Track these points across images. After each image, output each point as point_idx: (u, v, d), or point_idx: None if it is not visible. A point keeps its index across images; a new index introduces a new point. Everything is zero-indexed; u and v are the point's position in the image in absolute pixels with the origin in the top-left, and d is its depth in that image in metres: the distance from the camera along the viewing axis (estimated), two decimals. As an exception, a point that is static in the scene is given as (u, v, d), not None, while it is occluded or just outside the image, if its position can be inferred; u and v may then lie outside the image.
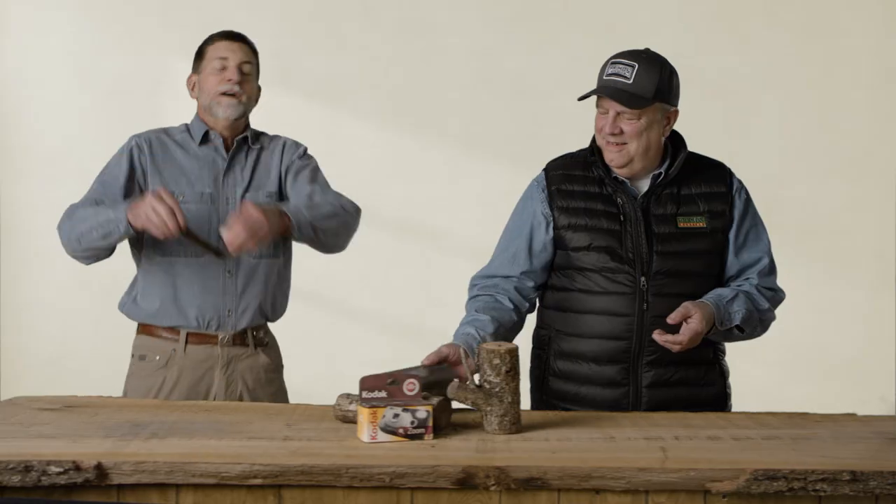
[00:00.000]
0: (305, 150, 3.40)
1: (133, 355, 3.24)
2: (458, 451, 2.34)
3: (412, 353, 6.15)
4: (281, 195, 3.25)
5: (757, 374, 5.45)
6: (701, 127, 2.96)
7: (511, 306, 2.96)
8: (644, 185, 2.91)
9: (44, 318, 5.66)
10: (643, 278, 2.84)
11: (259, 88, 3.31)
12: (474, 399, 2.48)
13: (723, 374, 2.97)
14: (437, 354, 2.77)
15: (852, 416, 2.71)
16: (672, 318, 2.74)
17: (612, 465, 2.23)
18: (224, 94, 3.19)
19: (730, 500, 2.22)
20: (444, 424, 2.51)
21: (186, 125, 3.29)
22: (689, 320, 2.74)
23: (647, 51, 2.90)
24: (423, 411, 2.43)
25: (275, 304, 3.28)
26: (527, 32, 5.60)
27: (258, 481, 2.22)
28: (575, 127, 3.47)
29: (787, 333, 5.56)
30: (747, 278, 2.93)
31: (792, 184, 5.51)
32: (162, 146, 3.23)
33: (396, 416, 2.41)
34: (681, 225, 2.87)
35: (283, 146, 3.33)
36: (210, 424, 2.54)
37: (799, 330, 5.56)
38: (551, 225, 2.94)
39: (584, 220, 2.90)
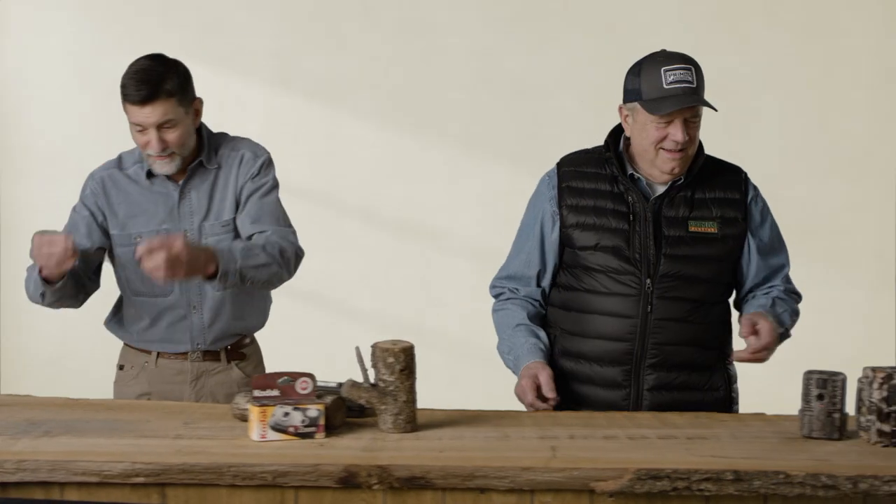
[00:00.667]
0: (264, 162, 3.15)
1: (118, 363, 3.28)
2: (345, 450, 2.35)
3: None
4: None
5: (757, 374, 5.44)
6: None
7: (543, 311, 3.00)
8: (659, 186, 2.88)
9: (44, 318, 5.64)
10: (648, 280, 2.83)
11: (196, 108, 3.07)
12: (368, 398, 2.49)
13: (728, 379, 2.96)
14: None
15: (760, 415, 2.72)
16: (744, 333, 2.74)
17: (496, 465, 2.24)
18: (152, 155, 3.01)
19: (618, 499, 2.23)
20: (338, 423, 2.52)
21: (139, 152, 3.11)
22: (759, 326, 2.74)
23: (682, 53, 2.87)
24: (314, 410, 2.44)
25: (250, 322, 3.23)
26: (527, 32, 5.59)
27: (141, 480, 2.24)
28: (575, 127, 3.47)
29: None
30: (773, 284, 2.94)
31: (792, 184, 5.51)
32: (115, 185, 3.12)
33: (287, 414, 2.42)
34: (692, 229, 2.85)
35: (240, 161, 3.11)
36: (107, 423, 2.56)
37: (799, 330, 5.55)
38: (558, 224, 2.92)
39: (592, 218, 2.88)
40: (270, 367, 3.29)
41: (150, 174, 3.10)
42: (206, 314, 3.14)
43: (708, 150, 2.98)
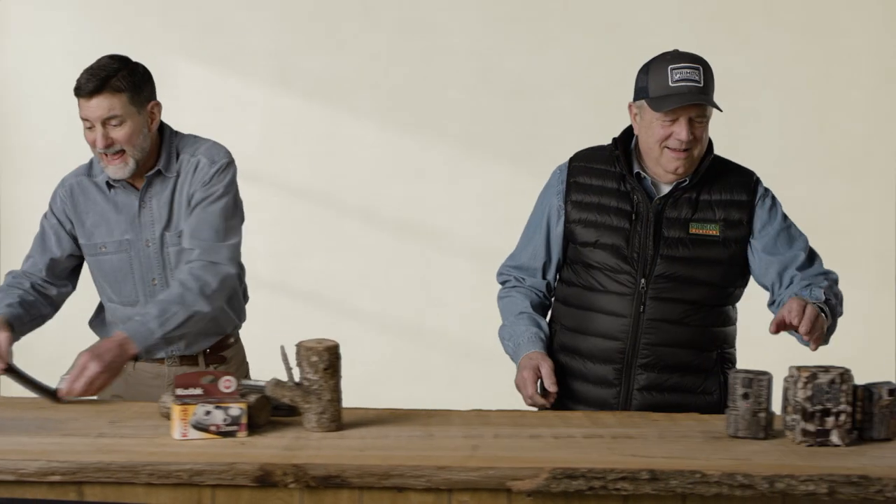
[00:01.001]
0: (219, 168, 3.03)
1: None
2: (265, 449, 2.35)
3: (412, 353, 6.19)
4: None
5: (757, 374, 5.45)
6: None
7: (547, 302, 3.02)
8: (664, 186, 2.88)
9: (44, 318, 5.65)
10: (643, 280, 2.83)
11: (151, 112, 3.01)
12: (292, 396, 2.49)
13: (725, 384, 2.91)
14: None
15: (693, 415, 2.72)
16: (772, 329, 2.72)
17: (412, 464, 2.24)
18: (103, 155, 2.96)
19: (536, 499, 2.24)
20: (263, 422, 2.52)
21: None
22: (790, 312, 2.68)
23: (693, 53, 2.86)
24: (236, 409, 2.44)
25: (226, 322, 3.18)
26: (527, 32, 5.59)
27: (57, 478, 2.24)
28: (575, 127, 3.47)
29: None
30: (792, 279, 2.88)
31: (792, 184, 5.50)
32: (83, 192, 3.09)
33: (208, 413, 2.43)
34: (692, 231, 2.84)
35: (195, 168, 3.02)
36: (34, 422, 2.57)
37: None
38: (563, 218, 2.93)
39: (595, 215, 2.89)
40: (265, 368, 3.28)
41: (109, 185, 3.06)
42: None
43: (708, 150, 2.98)
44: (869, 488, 2.19)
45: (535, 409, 2.87)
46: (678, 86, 2.76)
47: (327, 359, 2.47)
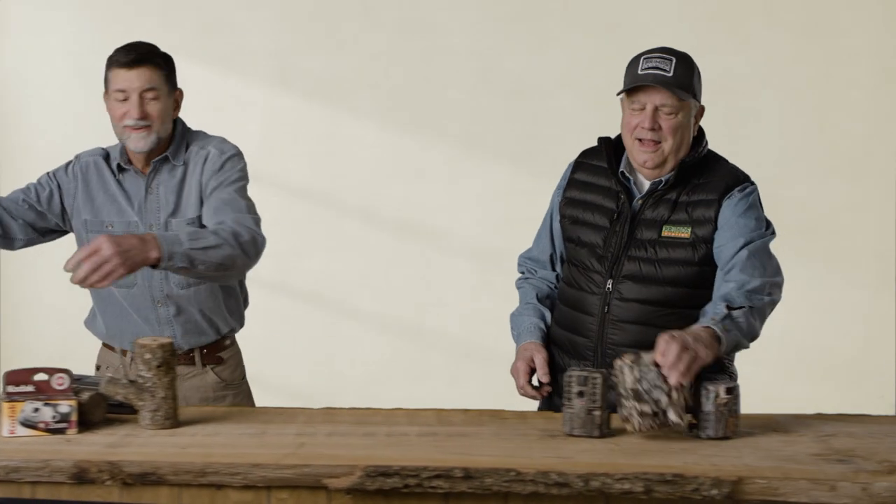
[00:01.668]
0: (229, 157, 3.08)
1: (95, 364, 3.29)
2: (89, 446, 2.37)
3: (412, 353, 6.18)
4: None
5: (756, 374, 5.44)
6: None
7: (556, 294, 3.02)
8: (646, 185, 2.88)
9: (44, 317, 5.66)
10: (610, 281, 2.82)
11: (176, 98, 3.11)
12: (125, 394, 2.51)
13: (696, 386, 2.89)
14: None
15: (543, 413, 2.72)
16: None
17: (227, 462, 2.25)
18: (130, 127, 3.01)
19: (356, 497, 2.24)
20: (97, 419, 2.53)
21: (119, 147, 3.14)
22: (657, 349, 2.50)
23: (676, 49, 2.87)
24: (65, 406, 2.45)
25: (221, 322, 3.19)
26: (527, 32, 5.59)
27: None
28: (575, 127, 3.47)
29: (788, 333, 5.57)
30: (727, 279, 2.74)
31: (792, 184, 5.51)
32: (98, 171, 3.14)
33: (37, 410, 2.43)
34: (664, 234, 2.80)
35: (205, 159, 3.08)
36: None
37: (799, 330, 5.56)
38: (559, 213, 2.97)
39: (580, 212, 2.91)
40: (265, 368, 3.28)
41: (120, 168, 3.11)
42: (170, 308, 3.11)
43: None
44: (685, 487, 2.19)
45: (536, 399, 2.89)
46: (644, 73, 2.77)
47: (161, 356, 2.48)
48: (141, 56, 2.99)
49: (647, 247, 2.81)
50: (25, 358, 5.74)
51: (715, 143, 2.96)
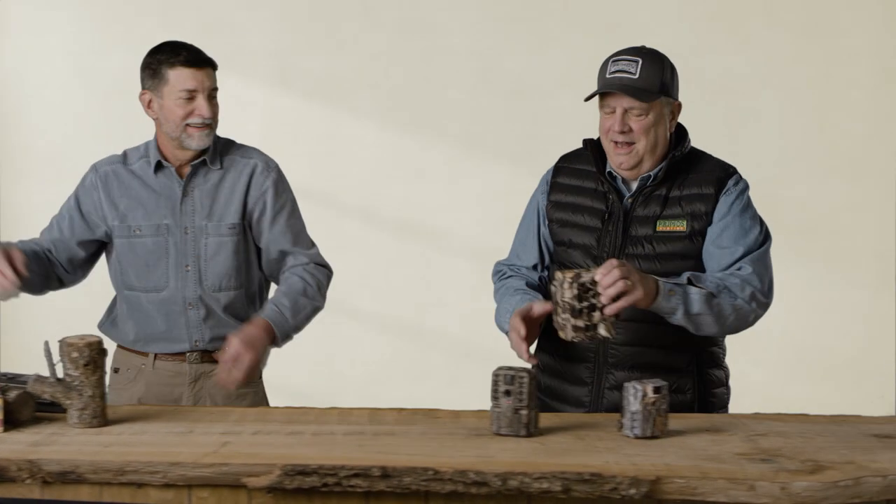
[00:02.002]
0: (277, 177, 3.19)
1: (111, 367, 3.26)
2: (11, 444, 2.37)
3: (412, 353, 6.18)
4: (244, 226, 3.17)
5: (757, 374, 5.45)
6: (701, 127, 2.95)
7: (543, 290, 2.99)
8: (633, 184, 2.89)
9: (43, 317, 5.65)
10: None
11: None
12: (53, 392, 2.51)
13: (702, 383, 2.89)
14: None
15: (481, 413, 2.70)
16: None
17: (146, 460, 2.25)
18: (195, 126, 3.06)
19: (277, 496, 2.24)
20: (25, 418, 2.53)
21: (146, 146, 3.18)
22: (604, 265, 2.59)
23: (644, 47, 2.88)
24: None
25: (246, 322, 3.20)
26: (527, 32, 5.60)
27: None
28: (575, 127, 3.47)
29: (787, 333, 5.58)
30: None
31: (792, 184, 5.51)
32: (118, 179, 3.15)
33: None
34: (659, 229, 2.82)
35: (252, 173, 3.16)
36: None
37: (799, 330, 5.56)
38: (546, 218, 2.97)
39: (569, 215, 2.91)
40: (265, 368, 3.28)
41: (158, 166, 3.13)
42: (201, 311, 3.14)
43: (708, 150, 2.98)
44: (603, 486, 2.19)
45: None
46: (610, 77, 2.80)
47: (88, 355, 2.48)
48: (204, 56, 3.07)
49: (643, 243, 2.82)
50: (25, 358, 5.74)
51: (715, 143, 2.96)
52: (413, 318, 5.70)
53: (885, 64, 5.53)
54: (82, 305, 3.85)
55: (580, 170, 2.94)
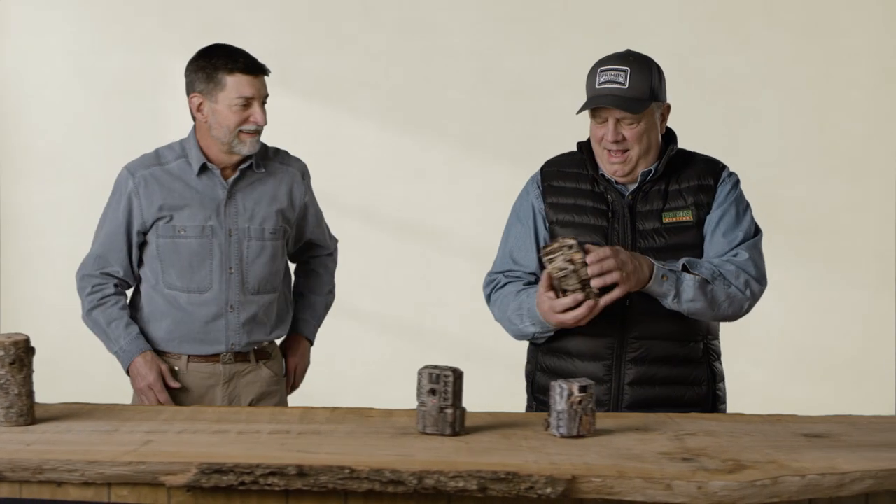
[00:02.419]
0: (310, 181, 3.37)
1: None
2: None
3: (412, 353, 6.18)
4: (283, 230, 3.22)
5: (757, 374, 5.45)
6: (701, 127, 2.96)
7: None
8: (634, 183, 2.91)
9: (44, 318, 5.65)
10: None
11: None
12: None
13: (713, 376, 2.94)
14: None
15: (409, 411, 2.69)
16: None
17: (64, 458, 2.25)
18: (248, 132, 3.09)
19: (196, 495, 2.24)
20: None
21: (182, 146, 3.17)
22: (599, 251, 2.69)
23: (630, 52, 2.90)
24: None
25: (277, 322, 3.27)
26: (527, 32, 5.60)
27: None
28: (575, 127, 3.47)
29: (787, 333, 5.57)
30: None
31: (792, 184, 5.51)
32: (157, 181, 3.12)
33: None
34: (665, 221, 2.86)
35: (293, 181, 3.24)
36: None
37: (799, 330, 5.56)
38: (545, 219, 2.96)
39: (572, 216, 2.92)
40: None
41: (203, 168, 3.11)
42: (241, 314, 3.15)
43: (708, 150, 2.99)
44: (520, 485, 2.19)
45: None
46: (600, 88, 2.83)
47: (14, 353, 2.48)
48: (260, 63, 3.13)
49: (653, 236, 2.85)
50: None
51: (715, 143, 2.97)
52: (413, 318, 5.70)
53: (885, 64, 5.53)
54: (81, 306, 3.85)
55: (571, 172, 2.96)
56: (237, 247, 3.13)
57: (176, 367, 3.16)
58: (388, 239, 5.69)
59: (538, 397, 2.97)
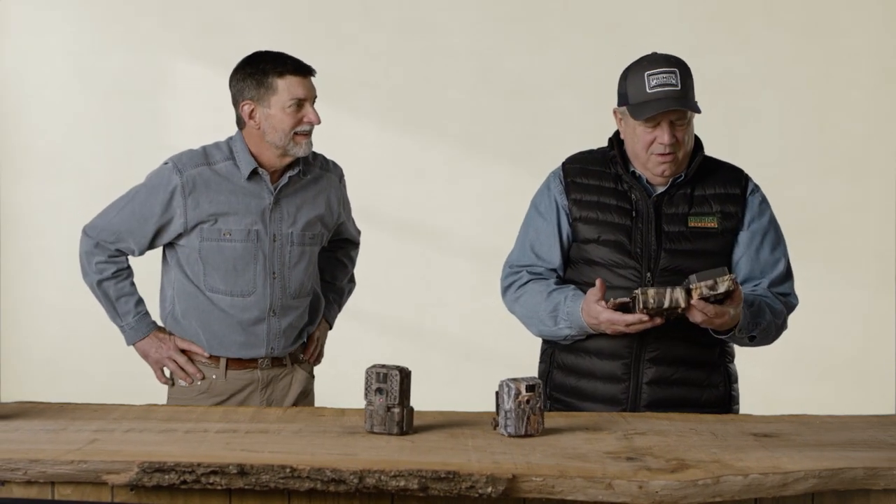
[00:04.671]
0: (343, 177, 3.43)
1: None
2: None
3: (412, 353, 6.19)
4: (322, 235, 3.25)
5: (757, 374, 5.44)
6: (701, 127, 2.94)
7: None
8: (664, 185, 2.90)
9: (44, 318, 5.66)
10: (648, 274, 2.84)
11: None
12: None
13: (728, 377, 2.96)
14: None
15: (358, 410, 2.70)
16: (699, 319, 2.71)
17: (6, 457, 2.26)
18: (303, 134, 3.10)
19: (140, 493, 2.25)
20: None
21: (229, 148, 3.12)
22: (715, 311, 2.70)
23: (671, 56, 2.88)
24: None
25: (311, 323, 3.30)
26: (527, 32, 5.60)
27: None
28: (575, 127, 3.47)
29: (787, 333, 5.57)
30: (759, 283, 2.91)
31: (792, 184, 5.51)
32: (205, 182, 3.07)
33: None
34: (691, 225, 2.87)
35: (332, 187, 3.26)
36: None
37: (799, 330, 5.53)
38: (569, 215, 2.94)
39: (596, 213, 2.91)
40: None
41: (254, 174, 3.08)
42: (283, 320, 3.15)
43: (708, 150, 2.99)
44: (461, 484, 2.19)
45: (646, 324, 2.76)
46: (655, 91, 2.79)
47: None
48: (307, 64, 3.17)
49: (679, 239, 2.86)
50: (25, 358, 5.75)
51: (715, 143, 2.97)
52: (413, 318, 5.70)
53: (885, 64, 5.53)
54: (82, 306, 3.85)
55: (595, 170, 2.94)
56: (280, 252, 3.13)
57: (214, 376, 3.14)
58: (388, 239, 5.69)
59: (554, 395, 2.96)
